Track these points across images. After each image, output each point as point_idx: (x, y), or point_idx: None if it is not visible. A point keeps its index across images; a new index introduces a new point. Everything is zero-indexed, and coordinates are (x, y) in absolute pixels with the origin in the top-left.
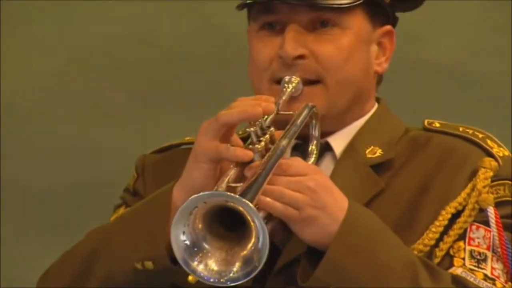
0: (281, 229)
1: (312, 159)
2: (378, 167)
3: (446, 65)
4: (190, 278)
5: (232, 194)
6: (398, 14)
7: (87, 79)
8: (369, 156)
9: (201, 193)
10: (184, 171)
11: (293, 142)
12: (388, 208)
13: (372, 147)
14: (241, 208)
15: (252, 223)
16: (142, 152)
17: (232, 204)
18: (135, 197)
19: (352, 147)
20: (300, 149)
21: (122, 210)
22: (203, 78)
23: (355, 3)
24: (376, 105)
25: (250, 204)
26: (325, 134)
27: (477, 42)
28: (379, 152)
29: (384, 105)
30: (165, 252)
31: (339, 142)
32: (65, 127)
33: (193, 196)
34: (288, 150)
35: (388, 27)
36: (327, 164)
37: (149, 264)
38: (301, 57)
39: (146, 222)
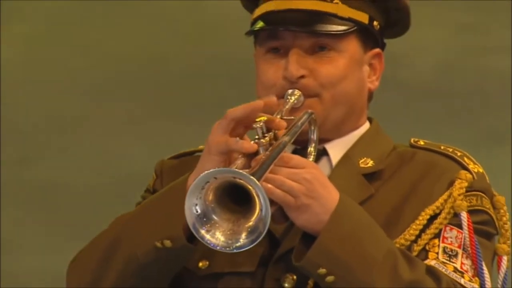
0: (281, 216)
1: (310, 159)
2: (370, 176)
3: (420, 82)
4: (200, 264)
5: (240, 171)
6: None
7: (110, 94)
8: (362, 166)
9: (213, 169)
10: (198, 163)
11: (292, 147)
12: (376, 210)
13: (365, 158)
14: (246, 184)
15: (256, 198)
16: (157, 159)
17: (239, 180)
18: None
19: (347, 157)
20: (299, 154)
21: None
22: (216, 94)
23: (349, 30)
24: (367, 122)
25: (255, 179)
26: (323, 141)
27: (447, 62)
28: (371, 163)
29: (377, 124)
30: (182, 232)
31: (334, 149)
32: (91, 136)
33: (205, 172)
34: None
35: (377, 50)
36: (323, 167)
37: (167, 243)
38: (302, 77)
39: (164, 207)
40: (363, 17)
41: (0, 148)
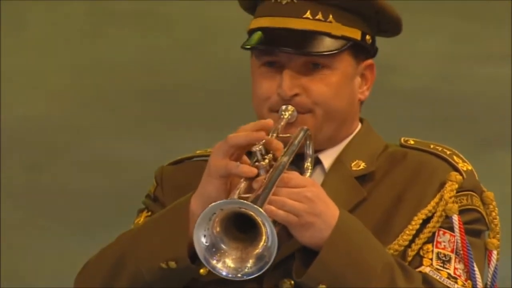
0: (283, 234)
1: (307, 174)
2: (362, 178)
3: (413, 89)
4: (201, 271)
5: (245, 201)
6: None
7: (114, 100)
8: (354, 168)
9: (219, 201)
10: (200, 185)
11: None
12: (369, 214)
13: (356, 161)
14: (252, 213)
15: (262, 226)
16: (160, 164)
17: (244, 210)
18: (155, 203)
19: (339, 161)
20: (295, 164)
21: (144, 214)
22: (219, 102)
23: (342, 49)
24: (359, 125)
25: (261, 209)
26: (316, 151)
27: (439, 69)
28: (362, 165)
29: (367, 124)
30: (186, 253)
31: (328, 158)
32: (99, 142)
33: (212, 204)
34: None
35: (369, 61)
36: (317, 176)
37: (172, 264)
38: (296, 95)
39: (169, 228)
40: (356, 34)
41: (1, 154)
